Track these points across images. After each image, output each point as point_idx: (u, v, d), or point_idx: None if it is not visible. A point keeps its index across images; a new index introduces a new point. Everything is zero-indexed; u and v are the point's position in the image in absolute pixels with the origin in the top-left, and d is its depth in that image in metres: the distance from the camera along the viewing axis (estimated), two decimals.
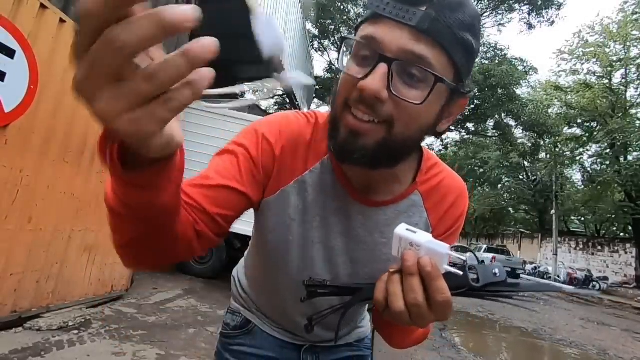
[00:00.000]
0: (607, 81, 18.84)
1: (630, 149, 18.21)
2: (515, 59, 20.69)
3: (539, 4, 19.29)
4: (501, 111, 18.31)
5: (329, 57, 22.25)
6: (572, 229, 26.25)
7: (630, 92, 18.68)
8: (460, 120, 18.97)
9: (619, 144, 17.29)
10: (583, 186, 22.53)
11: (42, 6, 2.42)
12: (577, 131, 21.35)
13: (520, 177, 26.44)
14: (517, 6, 20.04)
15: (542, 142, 21.07)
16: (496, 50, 19.60)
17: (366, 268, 0.67)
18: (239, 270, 0.88)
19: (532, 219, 27.12)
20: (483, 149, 25.72)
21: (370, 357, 0.85)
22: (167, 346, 2.84)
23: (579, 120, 20.39)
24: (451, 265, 0.56)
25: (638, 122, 18.00)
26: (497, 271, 0.47)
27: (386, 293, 0.48)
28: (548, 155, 21.99)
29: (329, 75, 21.67)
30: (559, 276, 17.72)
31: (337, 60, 0.54)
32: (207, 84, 0.27)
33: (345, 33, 19.16)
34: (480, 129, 22.00)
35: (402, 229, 0.49)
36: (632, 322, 8.89)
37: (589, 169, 21.89)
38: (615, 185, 17.92)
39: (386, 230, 0.65)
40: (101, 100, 0.25)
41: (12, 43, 2.22)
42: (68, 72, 2.63)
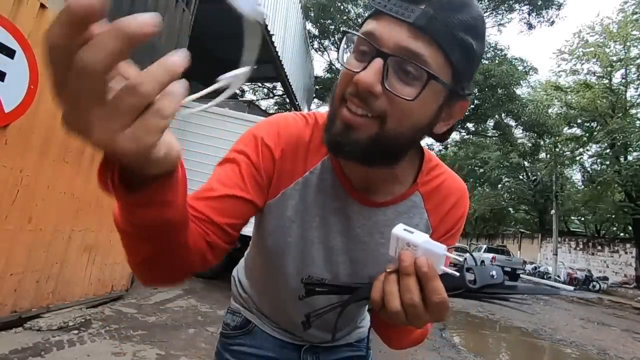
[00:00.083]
0: (607, 81, 18.84)
1: (630, 149, 18.21)
2: (515, 59, 20.69)
3: (539, 4, 19.29)
4: (501, 111, 18.30)
5: (329, 57, 22.25)
6: (572, 229, 26.25)
7: (630, 92, 18.70)
8: (460, 121, 18.94)
9: (619, 144, 17.29)
10: (583, 186, 22.52)
11: (42, 6, 2.42)
12: (577, 131, 21.34)
13: (520, 177, 26.43)
14: (517, 6, 20.04)
15: (542, 142, 21.06)
16: (496, 50, 19.61)
17: (366, 268, 0.67)
18: (239, 270, 0.88)
19: (532, 219, 27.11)
20: (483, 149, 25.71)
21: (366, 343, 0.84)
22: (167, 346, 2.84)
23: (579, 120, 20.38)
24: (451, 265, 0.56)
25: (638, 122, 18.00)
26: (495, 273, 0.47)
27: (383, 293, 0.48)
28: (548, 155, 21.97)
29: (329, 75, 21.67)
30: (559, 276, 17.71)
31: (338, 55, 0.55)
32: (185, 92, 0.29)
33: None
34: (480, 129, 21.99)
35: (400, 229, 0.49)
36: (632, 322, 8.89)
37: (589, 169, 21.89)
38: (615, 185, 17.92)
39: (386, 230, 0.65)
40: (94, 127, 0.26)
41: (12, 43, 2.22)
42: None
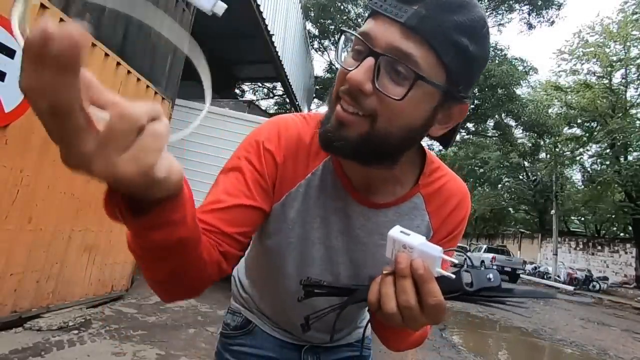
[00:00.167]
0: (607, 81, 18.82)
1: (630, 149, 18.21)
2: (515, 59, 20.71)
3: (539, 4, 19.30)
4: (501, 111, 18.31)
5: (329, 57, 22.26)
6: (572, 229, 26.23)
7: (630, 92, 18.68)
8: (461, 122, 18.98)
9: (619, 144, 17.28)
10: (583, 186, 22.50)
11: (42, 6, 2.42)
12: (577, 131, 21.33)
13: (520, 177, 26.42)
14: (517, 6, 20.05)
15: (542, 142, 21.06)
16: (496, 50, 19.61)
17: (366, 269, 0.67)
18: (239, 270, 0.88)
19: (532, 219, 27.09)
20: (483, 149, 25.72)
21: (361, 342, 0.85)
22: (167, 346, 2.84)
23: (579, 120, 20.36)
24: (452, 265, 0.56)
25: (638, 122, 17.99)
26: (492, 276, 0.46)
27: (379, 294, 0.48)
28: (548, 155, 21.96)
29: (329, 75, 21.68)
30: (559, 276, 17.70)
31: (336, 54, 0.56)
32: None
33: None
34: (480, 129, 22.00)
35: (396, 231, 0.48)
36: (632, 322, 8.89)
37: (589, 169, 21.87)
38: (615, 185, 17.90)
39: (386, 232, 0.65)
40: (91, 160, 0.26)
41: (12, 43, 2.22)
42: None
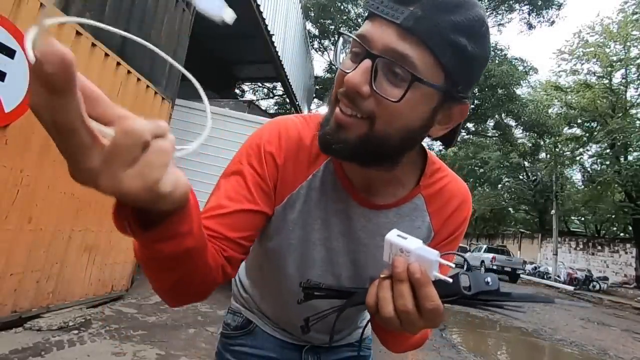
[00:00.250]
0: (607, 81, 18.81)
1: (630, 149, 18.19)
2: (515, 59, 20.72)
3: (539, 4, 19.31)
4: (501, 111, 18.31)
5: (329, 57, 22.27)
6: (572, 229, 26.22)
7: (630, 92, 18.67)
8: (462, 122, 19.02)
9: (619, 144, 17.27)
10: (583, 186, 22.47)
11: (42, 6, 2.42)
12: (577, 131, 21.32)
13: (520, 177, 26.41)
14: (517, 6, 20.06)
15: (542, 142, 21.06)
16: (496, 50, 19.61)
17: (367, 270, 0.67)
18: (240, 271, 0.88)
19: (532, 219, 27.08)
20: (483, 149, 25.72)
21: (359, 343, 0.85)
22: (167, 346, 2.84)
23: (579, 120, 20.35)
24: (457, 265, 0.56)
25: (638, 122, 17.98)
26: (490, 280, 0.46)
27: (377, 298, 0.48)
28: (548, 155, 21.96)
29: (329, 75, 21.68)
30: (559, 276, 17.70)
31: (335, 56, 0.55)
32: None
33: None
34: (480, 129, 22.01)
35: (393, 235, 0.48)
36: (632, 322, 8.89)
37: (589, 169, 21.86)
38: (615, 185, 17.89)
39: (387, 233, 0.65)
40: (99, 175, 0.27)
41: (12, 43, 2.22)
42: None
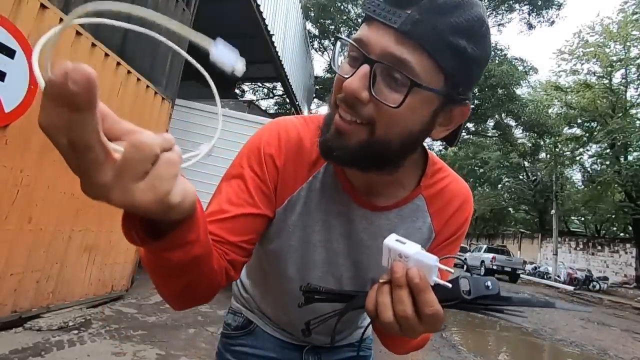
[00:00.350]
0: (607, 81, 18.80)
1: (630, 149, 18.18)
2: (515, 59, 20.73)
3: (539, 4, 19.32)
4: (501, 111, 18.31)
5: (329, 57, 22.27)
6: (572, 229, 26.21)
7: (630, 92, 18.66)
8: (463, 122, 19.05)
9: (619, 144, 17.25)
10: (583, 186, 22.46)
11: (42, 6, 2.42)
12: (577, 131, 21.31)
13: (520, 177, 26.41)
14: (517, 6, 20.07)
15: (542, 142, 21.05)
16: (496, 50, 19.61)
17: (370, 273, 0.67)
18: None
19: (532, 219, 27.08)
20: (483, 149, 25.72)
21: (359, 342, 0.85)
22: (167, 346, 2.84)
23: (579, 120, 20.34)
24: (456, 266, 0.55)
25: (638, 122, 17.97)
26: (490, 284, 0.46)
27: (376, 303, 0.48)
28: (548, 155, 21.96)
29: (329, 75, 21.68)
30: (559, 276, 17.69)
31: (333, 61, 0.55)
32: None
33: (345, 33, 19.21)
34: (480, 129, 22.01)
35: (392, 240, 0.48)
36: (632, 322, 8.88)
37: (589, 169, 21.86)
38: (615, 185, 17.89)
39: (389, 235, 0.65)
40: (110, 189, 0.28)
41: (12, 43, 2.22)
42: None
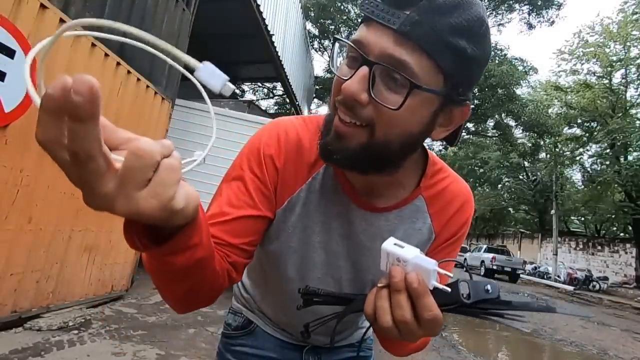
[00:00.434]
0: (607, 81, 18.80)
1: (630, 149, 18.17)
2: (515, 59, 20.75)
3: (539, 4, 19.32)
4: (501, 111, 18.31)
5: (328, 57, 22.27)
6: (572, 229, 26.20)
7: (630, 92, 18.65)
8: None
9: (619, 144, 17.25)
10: (583, 186, 22.46)
11: (42, 6, 2.42)
12: (577, 131, 21.30)
13: (520, 177, 26.41)
14: (517, 6, 20.08)
15: (542, 142, 21.05)
16: (496, 50, 19.62)
17: (370, 275, 0.67)
18: None
19: (532, 219, 27.07)
20: (483, 149, 25.71)
21: (360, 343, 0.85)
22: (167, 346, 2.84)
23: (579, 120, 20.33)
24: (457, 266, 0.55)
25: (638, 122, 17.96)
26: (489, 287, 0.45)
27: (375, 307, 0.48)
28: (548, 155, 21.95)
29: (329, 75, 21.67)
30: (559, 276, 17.69)
31: (332, 62, 0.54)
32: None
33: (345, 33, 19.20)
34: (480, 129, 22.01)
35: (390, 244, 0.47)
36: (632, 322, 8.88)
37: (589, 169, 21.86)
38: (615, 185, 17.88)
39: (388, 236, 0.65)
40: (114, 199, 0.27)
41: (12, 43, 2.22)
42: (68, 72, 2.63)
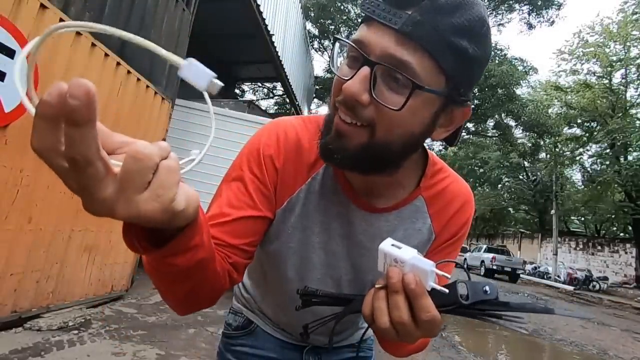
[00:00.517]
0: (607, 81, 18.80)
1: (630, 149, 18.18)
2: (515, 59, 20.76)
3: (539, 4, 19.33)
4: (501, 111, 18.32)
5: (328, 57, 22.28)
6: (572, 229, 26.20)
7: (630, 92, 18.65)
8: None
9: (619, 144, 17.26)
10: (583, 186, 22.46)
11: (42, 6, 2.42)
12: (577, 131, 21.30)
13: (520, 177, 26.41)
14: (517, 6, 20.09)
15: (542, 142, 21.06)
16: (496, 50, 19.63)
17: (369, 275, 0.67)
18: None
19: (532, 219, 27.08)
20: (483, 149, 25.72)
21: (359, 343, 0.85)
22: (167, 346, 2.84)
23: (579, 120, 20.33)
24: (456, 265, 0.55)
25: (638, 122, 17.96)
26: (488, 288, 0.45)
27: (372, 308, 0.47)
28: (548, 155, 21.95)
29: (329, 75, 21.68)
30: (559, 276, 17.69)
31: (332, 61, 0.54)
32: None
33: (345, 33, 19.21)
34: (480, 129, 22.02)
35: (387, 245, 0.47)
36: (632, 322, 8.88)
37: (589, 169, 21.86)
38: (615, 185, 17.88)
39: (388, 237, 0.65)
40: (115, 204, 0.27)
41: (12, 43, 2.22)
42: (68, 72, 2.63)
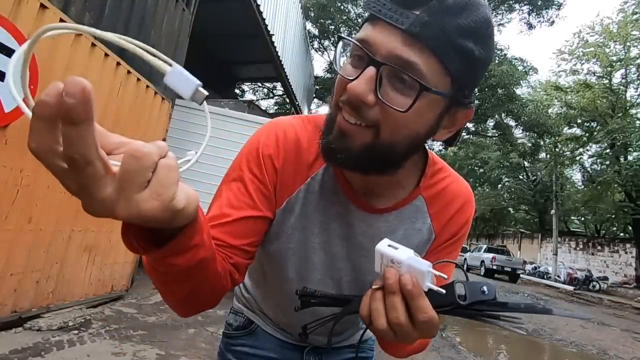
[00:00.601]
0: (607, 81, 18.80)
1: (630, 149, 18.18)
2: (515, 59, 20.75)
3: (539, 4, 19.33)
4: (501, 111, 18.33)
5: (329, 57, 22.31)
6: (572, 229, 26.20)
7: (630, 92, 18.66)
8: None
9: (619, 144, 17.26)
10: (583, 186, 22.47)
11: (42, 6, 2.42)
12: (577, 131, 21.30)
13: (520, 177, 26.42)
14: (517, 6, 20.09)
15: (542, 142, 21.06)
16: (496, 50, 19.57)
17: (369, 276, 0.67)
18: None
19: (532, 219, 27.08)
20: (483, 149, 25.73)
21: (358, 344, 0.85)
22: (167, 346, 2.84)
23: (579, 120, 20.34)
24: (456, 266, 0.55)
25: (638, 122, 17.96)
26: (486, 289, 0.45)
27: (370, 309, 0.47)
28: (548, 155, 21.95)
29: (329, 75, 21.70)
30: (559, 276, 17.70)
31: (335, 61, 0.54)
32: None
33: (345, 33, 19.21)
34: (480, 129, 22.02)
35: (384, 245, 0.47)
36: (632, 322, 8.88)
37: (589, 169, 21.86)
38: (615, 185, 17.89)
39: (388, 237, 0.65)
40: (115, 204, 0.28)
41: (12, 43, 2.22)
42: (68, 72, 2.63)
